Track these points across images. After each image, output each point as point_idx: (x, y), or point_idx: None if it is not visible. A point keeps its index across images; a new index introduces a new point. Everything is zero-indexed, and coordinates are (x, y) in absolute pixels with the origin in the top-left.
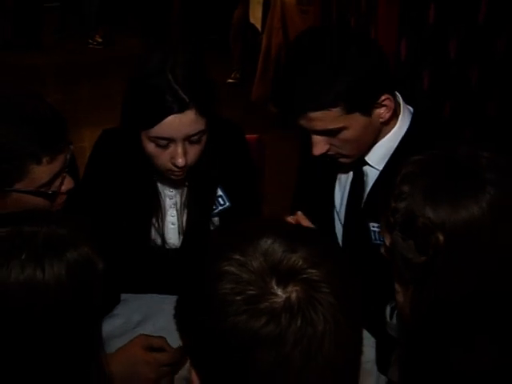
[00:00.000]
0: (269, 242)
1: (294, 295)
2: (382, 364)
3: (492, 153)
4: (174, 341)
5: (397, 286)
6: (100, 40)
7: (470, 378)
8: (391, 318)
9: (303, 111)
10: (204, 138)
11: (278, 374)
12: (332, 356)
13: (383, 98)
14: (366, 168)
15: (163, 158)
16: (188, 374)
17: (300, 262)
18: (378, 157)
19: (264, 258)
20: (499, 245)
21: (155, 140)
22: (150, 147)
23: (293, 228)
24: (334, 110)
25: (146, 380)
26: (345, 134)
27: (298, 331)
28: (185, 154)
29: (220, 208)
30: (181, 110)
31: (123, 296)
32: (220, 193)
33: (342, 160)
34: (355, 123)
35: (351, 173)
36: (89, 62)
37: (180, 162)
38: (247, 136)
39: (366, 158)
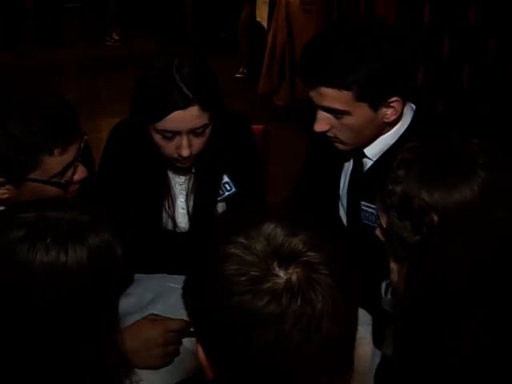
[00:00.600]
0: (271, 226)
1: (294, 276)
2: (378, 339)
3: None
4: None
5: (392, 266)
6: (117, 38)
7: (460, 353)
8: (386, 294)
9: (317, 83)
10: (208, 131)
11: (277, 350)
12: (330, 334)
13: (394, 99)
14: (365, 160)
15: (169, 148)
16: (195, 348)
17: (300, 246)
18: (376, 151)
19: (267, 242)
20: (490, 225)
21: (162, 132)
22: (157, 138)
23: (294, 214)
24: (346, 92)
25: (155, 345)
26: (347, 120)
27: (298, 310)
28: (189, 145)
29: (226, 194)
30: (185, 106)
31: (136, 276)
32: (226, 179)
33: (339, 146)
34: (360, 112)
35: (352, 162)
36: (106, 59)
37: (184, 153)
38: (253, 127)
39: (365, 151)
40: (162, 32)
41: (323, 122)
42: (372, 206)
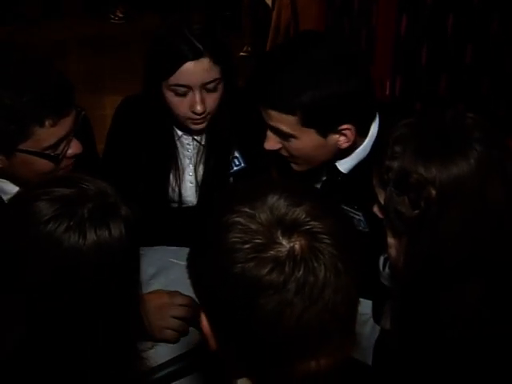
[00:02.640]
0: (275, 197)
1: (297, 245)
2: (377, 314)
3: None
4: (186, 292)
5: (390, 241)
6: (121, 15)
7: (456, 326)
8: (384, 268)
9: (264, 103)
10: (220, 87)
11: (279, 317)
12: (331, 302)
13: (345, 127)
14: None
15: (183, 106)
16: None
17: (303, 215)
18: (349, 166)
19: (270, 211)
20: (486, 197)
21: (174, 89)
22: (171, 96)
23: (298, 185)
24: (291, 116)
25: (162, 316)
26: (295, 143)
27: (301, 279)
28: (202, 101)
29: (235, 168)
30: (195, 58)
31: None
32: (236, 154)
33: (293, 165)
34: (307, 138)
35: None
36: (110, 37)
37: (199, 108)
38: None
39: (338, 165)
40: (166, 10)
41: (272, 142)
42: (352, 210)
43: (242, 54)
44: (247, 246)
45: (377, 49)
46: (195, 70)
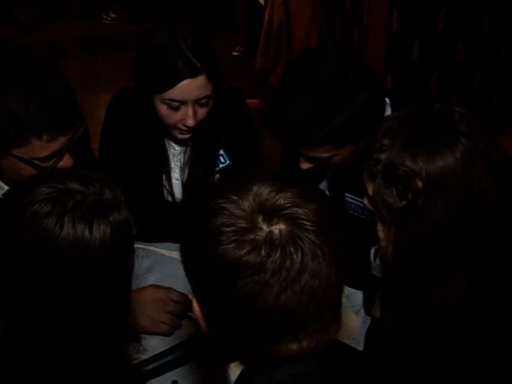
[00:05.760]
0: (259, 185)
1: (276, 230)
2: (368, 306)
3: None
4: (179, 287)
5: (379, 231)
6: (114, 16)
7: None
8: (375, 259)
9: (295, 144)
10: (211, 102)
11: (258, 297)
12: (308, 285)
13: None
14: None
15: (174, 118)
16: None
17: (284, 201)
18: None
19: (253, 198)
20: (472, 189)
21: (168, 102)
22: (162, 109)
23: (283, 175)
24: (324, 146)
25: (156, 310)
26: (332, 159)
27: (276, 261)
28: (195, 115)
29: (221, 166)
30: (193, 75)
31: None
32: (221, 152)
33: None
34: (343, 151)
35: None
36: (104, 37)
37: (190, 122)
38: (249, 101)
39: None
40: (161, 11)
41: (308, 164)
42: (357, 198)
43: (234, 53)
44: (230, 229)
45: (368, 46)
46: (192, 87)
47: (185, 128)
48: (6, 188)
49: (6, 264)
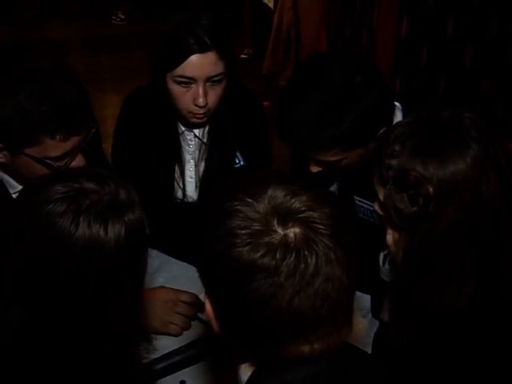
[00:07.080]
0: (275, 188)
1: (291, 234)
2: (376, 310)
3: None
4: (187, 287)
5: (389, 237)
6: (123, 17)
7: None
8: (384, 264)
9: (303, 149)
10: (224, 82)
11: (272, 299)
12: (322, 289)
13: (382, 131)
14: None
15: (186, 99)
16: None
17: (299, 205)
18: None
19: (268, 201)
20: (481, 194)
21: (179, 80)
22: (174, 88)
23: (297, 179)
24: (333, 150)
25: (166, 310)
26: (341, 163)
27: (291, 265)
28: (205, 94)
29: (235, 166)
30: (202, 51)
31: None
32: (236, 152)
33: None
34: (352, 154)
35: None
36: (111, 37)
37: (201, 101)
38: None
39: None
40: (169, 11)
41: (317, 167)
42: (367, 201)
43: (242, 56)
44: (245, 231)
45: (377, 50)
46: (201, 63)
47: (197, 110)
48: (19, 187)
49: (20, 262)
